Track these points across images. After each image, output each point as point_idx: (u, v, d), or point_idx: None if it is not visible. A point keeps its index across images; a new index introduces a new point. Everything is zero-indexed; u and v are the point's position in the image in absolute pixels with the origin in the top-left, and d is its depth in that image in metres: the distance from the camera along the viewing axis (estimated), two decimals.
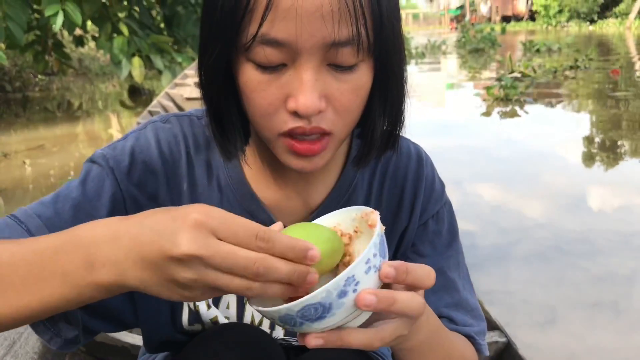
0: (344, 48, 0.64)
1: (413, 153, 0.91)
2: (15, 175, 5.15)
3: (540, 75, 10.17)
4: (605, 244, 3.23)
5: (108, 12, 7.77)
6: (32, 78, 12.10)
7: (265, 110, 0.68)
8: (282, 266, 0.52)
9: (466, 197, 4.10)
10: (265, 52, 0.64)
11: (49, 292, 0.55)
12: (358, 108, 0.71)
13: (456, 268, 0.91)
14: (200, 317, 0.85)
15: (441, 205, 0.92)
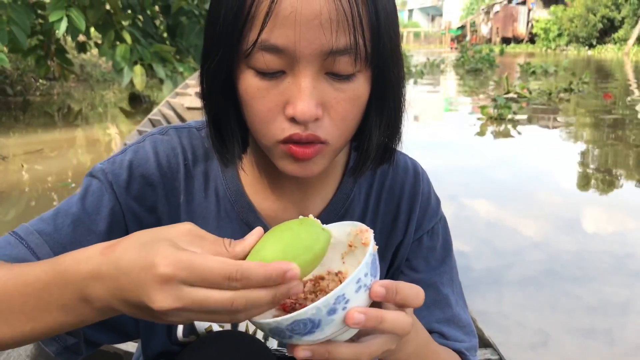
0: (341, 57, 0.66)
1: (410, 168, 0.92)
2: (12, 179, 5.14)
3: (535, 96, 10.38)
4: (599, 267, 3.24)
5: (112, 20, 7.82)
6: (34, 82, 12.10)
7: (264, 116, 0.69)
8: (262, 295, 0.52)
9: (459, 214, 4.12)
10: (265, 58, 0.65)
11: (51, 319, 0.57)
12: (355, 118, 0.72)
13: (449, 284, 0.92)
14: (195, 328, 0.86)
15: (436, 221, 0.93)
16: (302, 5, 0.62)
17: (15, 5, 6.80)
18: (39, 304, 0.57)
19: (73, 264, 0.56)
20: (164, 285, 0.50)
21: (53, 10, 6.71)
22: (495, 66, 18.95)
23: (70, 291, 0.56)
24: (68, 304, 0.56)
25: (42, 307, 0.57)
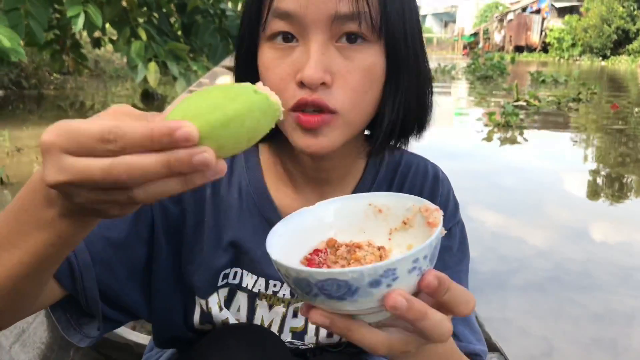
0: (348, 22, 0.69)
1: (430, 172, 0.94)
2: (25, 170, 5.21)
3: (544, 105, 10.48)
4: (605, 277, 3.25)
5: (128, 17, 7.90)
6: (48, 76, 12.23)
7: (277, 85, 0.72)
8: (147, 161, 0.42)
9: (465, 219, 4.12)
10: (277, 25, 0.70)
11: (33, 241, 0.54)
12: (367, 91, 0.74)
13: (465, 286, 0.93)
14: (212, 318, 0.88)
15: (454, 224, 0.94)
16: None
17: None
18: (20, 228, 0.54)
19: (36, 174, 0.53)
20: (47, 155, 0.44)
21: (70, 6, 6.78)
22: (506, 74, 18.92)
23: (38, 198, 0.52)
24: (40, 216, 0.52)
25: (23, 230, 0.54)
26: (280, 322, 0.90)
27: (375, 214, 0.64)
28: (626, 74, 24.73)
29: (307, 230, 0.63)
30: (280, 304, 0.89)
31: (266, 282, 0.88)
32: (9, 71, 10.50)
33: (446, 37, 65.07)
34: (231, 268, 0.87)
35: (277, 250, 0.55)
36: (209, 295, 0.87)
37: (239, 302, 0.89)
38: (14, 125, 7.32)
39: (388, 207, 0.63)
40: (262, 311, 0.89)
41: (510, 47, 47.37)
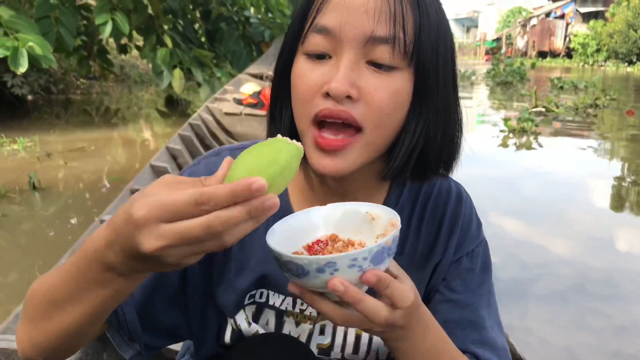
0: (381, 45, 0.72)
1: (454, 192, 0.95)
2: (56, 175, 5.33)
3: (562, 111, 10.53)
4: (629, 288, 3.22)
5: (154, 24, 8.04)
6: (75, 81, 12.48)
7: (304, 95, 0.76)
8: (235, 212, 0.54)
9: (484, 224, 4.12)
10: (315, 40, 0.74)
11: (93, 297, 0.64)
12: (392, 113, 0.75)
13: (486, 307, 0.92)
14: (243, 334, 0.91)
15: (477, 244, 0.95)
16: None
17: (64, 7, 7.05)
18: (79, 285, 0.64)
19: (90, 244, 0.62)
20: (144, 228, 0.53)
21: (99, 14, 6.94)
22: (526, 80, 18.74)
23: (96, 266, 0.61)
24: (99, 278, 0.61)
25: (82, 288, 0.64)
26: (307, 338, 0.92)
27: (370, 220, 0.75)
28: None
29: (316, 223, 0.76)
30: (307, 321, 0.91)
31: (294, 301, 0.90)
32: (39, 77, 10.74)
33: (468, 42, 64.63)
34: (257, 289, 0.90)
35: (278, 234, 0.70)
36: (236, 314, 0.90)
37: (267, 317, 0.91)
38: (43, 130, 7.49)
39: (379, 217, 0.74)
40: (289, 327, 0.91)
41: (533, 53, 46.88)
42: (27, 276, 3.18)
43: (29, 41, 5.17)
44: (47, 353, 0.72)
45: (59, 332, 0.68)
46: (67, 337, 0.69)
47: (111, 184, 4.96)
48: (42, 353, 0.73)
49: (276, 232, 0.71)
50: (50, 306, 0.68)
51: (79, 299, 0.64)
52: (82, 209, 4.44)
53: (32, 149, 6.17)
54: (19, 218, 4.15)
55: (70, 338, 0.70)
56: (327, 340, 0.91)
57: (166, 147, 3.86)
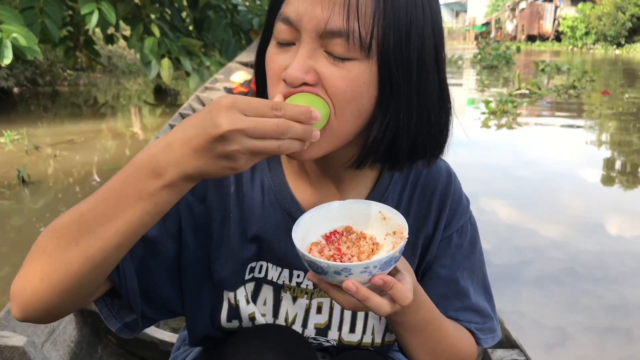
0: (336, 38, 0.73)
1: (443, 169, 0.99)
2: (45, 168, 5.29)
3: (545, 92, 11.01)
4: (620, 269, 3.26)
5: (141, 13, 7.94)
6: (61, 72, 12.35)
7: (271, 80, 0.80)
8: (297, 125, 0.66)
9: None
10: (281, 28, 0.77)
11: (131, 211, 0.67)
12: (352, 100, 0.75)
13: (469, 277, 0.99)
14: (240, 312, 0.92)
15: (465, 220, 0.99)
16: None
17: None
18: (119, 202, 0.68)
19: (144, 150, 0.68)
20: (228, 111, 0.63)
21: (84, 3, 6.84)
22: (512, 63, 19.13)
23: (144, 173, 0.66)
24: (143, 187, 0.66)
25: (122, 203, 0.67)
26: (304, 316, 0.94)
27: (381, 219, 0.84)
28: None
29: (334, 216, 0.85)
30: (303, 295, 0.94)
31: (290, 273, 0.93)
32: (24, 69, 10.62)
33: (457, 27, 64.52)
34: (257, 261, 0.92)
35: (301, 228, 0.80)
36: (237, 287, 0.92)
37: (265, 295, 0.93)
38: (30, 123, 7.42)
39: (390, 218, 0.83)
40: (287, 304, 0.94)
41: (522, 37, 46.89)
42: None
43: (13, 32, 5.10)
44: (56, 298, 0.71)
45: (83, 261, 0.68)
46: (88, 271, 0.69)
47: (106, 174, 4.92)
48: (49, 300, 0.71)
49: (300, 225, 0.80)
50: (79, 230, 0.69)
51: (114, 217, 0.67)
52: (73, 202, 4.37)
53: (19, 142, 6.11)
54: (8, 212, 4.11)
55: (89, 273, 0.70)
56: (325, 319, 0.95)
57: (156, 138, 3.83)
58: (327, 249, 0.80)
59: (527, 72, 15.62)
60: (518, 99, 9.64)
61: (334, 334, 0.95)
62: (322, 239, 0.83)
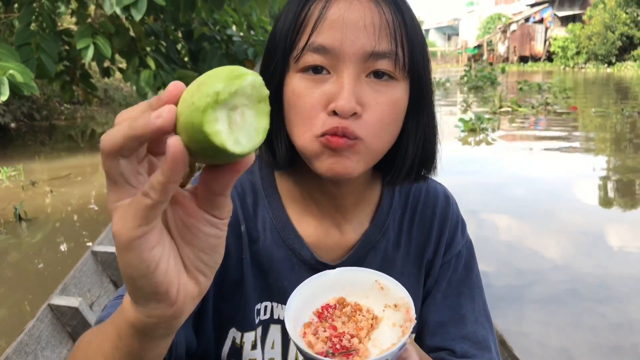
0: (382, 60, 0.74)
1: (440, 193, 0.99)
2: (42, 204, 5.27)
3: (525, 110, 12.26)
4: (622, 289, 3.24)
5: (136, 46, 8.03)
6: (58, 106, 12.41)
7: (308, 113, 0.76)
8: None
9: None
10: (312, 58, 0.75)
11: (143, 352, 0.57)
12: (392, 123, 0.78)
13: (469, 303, 0.96)
14: (242, 355, 0.90)
15: (463, 244, 0.99)
16: (348, 10, 0.74)
17: (44, 33, 7.03)
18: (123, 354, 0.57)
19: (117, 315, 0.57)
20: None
21: (80, 38, 6.92)
22: (497, 84, 20.20)
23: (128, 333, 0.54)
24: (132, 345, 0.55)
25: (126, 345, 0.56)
26: None
27: (379, 289, 0.78)
28: (633, 80, 24.72)
29: (327, 287, 0.78)
30: None
31: None
32: (21, 104, 10.67)
33: (450, 50, 65.32)
34: (261, 302, 0.91)
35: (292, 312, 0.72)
36: (247, 330, 0.90)
37: (273, 337, 0.91)
38: (27, 158, 7.43)
39: (388, 288, 0.77)
40: None
41: (514, 58, 47.42)
42: (17, 310, 3.12)
43: (9, 69, 5.15)
44: None
45: None
46: None
47: (105, 211, 4.90)
48: None
49: (290, 309, 0.72)
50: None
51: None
52: (71, 239, 4.38)
53: (16, 178, 6.11)
54: (5, 250, 4.09)
55: None
56: None
57: None
58: (322, 329, 0.73)
59: (511, 92, 17.07)
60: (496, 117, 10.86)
61: None
62: (314, 316, 0.75)
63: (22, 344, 1.46)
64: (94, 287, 2.01)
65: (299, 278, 0.87)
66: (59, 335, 1.62)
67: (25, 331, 1.49)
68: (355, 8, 0.74)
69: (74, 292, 1.86)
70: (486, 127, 9.32)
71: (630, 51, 37.41)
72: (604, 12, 38.17)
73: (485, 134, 9.08)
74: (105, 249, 2.12)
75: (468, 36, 61.00)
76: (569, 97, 14.80)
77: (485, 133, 9.11)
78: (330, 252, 0.92)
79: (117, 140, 0.43)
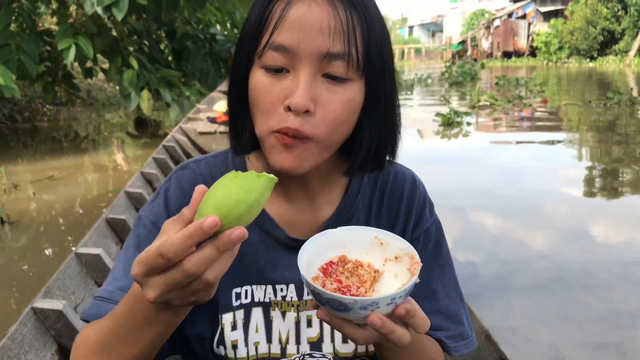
0: (336, 60, 0.79)
1: (408, 176, 1.04)
2: (24, 207, 5.21)
3: (501, 103, 12.91)
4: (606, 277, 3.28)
5: (119, 46, 7.94)
6: (41, 108, 12.26)
7: (267, 108, 0.81)
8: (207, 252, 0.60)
9: None
10: (273, 56, 0.79)
11: (148, 335, 0.73)
12: (345, 121, 0.83)
13: (439, 279, 1.01)
14: (224, 338, 0.92)
15: (431, 223, 1.03)
16: (306, 13, 0.78)
17: (24, 34, 6.93)
18: (133, 328, 0.73)
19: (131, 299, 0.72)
20: (142, 285, 0.64)
21: (61, 38, 6.83)
22: (477, 79, 20.68)
23: (141, 311, 0.70)
24: (150, 315, 0.70)
25: (136, 329, 0.72)
26: (295, 332, 0.95)
27: (378, 244, 0.83)
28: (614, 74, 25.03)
29: (328, 246, 0.83)
30: (290, 309, 0.95)
31: (274, 289, 0.95)
32: (2, 106, 10.53)
33: (434, 46, 65.57)
34: (241, 287, 0.93)
35: (303, 264, 0.75)
36: (225, 311, 0.92)
37: (256, 321, 0.94)
38: (9, 160, 7.32)
39: (388, 243, 0.82)
40: (278, 323, 0.94)
41: (498, 53, 47.78)
42: (2, 309, 3.08)
43: None
44: None
45: None
46: None
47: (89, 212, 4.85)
48: None
49: (301, 261, 0.76)
50: (102, 349, 0.77)
51: (132, 339, 0.73)
52: (55, 242, 4.33)
53: None
54: None
55: None
56: (316, 332, 0.96)
57: (140, 173, 3.77)
58: (329, 283, 0.77)
59: (490, 87, 17.91)
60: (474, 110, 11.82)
61: (328, 347, 0.95)
62: (319, 272, 0.80)
63: (5, 348, 1.43)
64: (79, 290, 1.98)
65: (274, 257, 0.94)
66: (43, 339, 1.60)
67: (8, 335, 1.47)
68: (313, 10, 0.78)
69: (58, 294, 1.83)
70: (461, 121, 9.95)
71: (612, 45, 37.88)
72: (585, 7, 38.60)
73: (460, 127, 9.68)
74: (89, 250, 2.09)
75: (452, 32, 61.28)
76: (543, 91, 15.92)
77: (460, 127, 9.71)
78: (301, 230, 0.96)
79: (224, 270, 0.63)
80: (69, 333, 1.65)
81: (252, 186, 0.62)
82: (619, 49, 36.75)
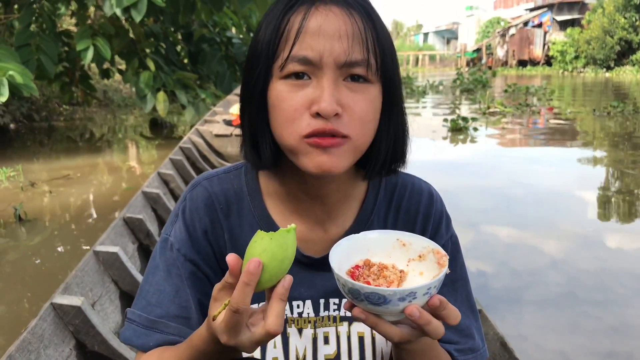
0: (356, 67, 0.82)
1: (425, 191, 1.03)
2: (41, 205, 5.27)
3: (510, 110, 13.32)
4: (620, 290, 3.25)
5: (136, 48, 8.04)
6: (57, 107, 12.40)
7: (291, 115, 0.82)
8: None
9: None
10: (295, 67, 0.81)
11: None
12: (371, 120, 0.85)
13: (452, 294, 1.00)
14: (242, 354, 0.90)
15: (447, 239, 1.03)
16: (325, 22, 0.80)
17: (44, 35, 7.03)
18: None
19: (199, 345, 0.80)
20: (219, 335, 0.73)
21: (80, 39, 6.93)
22: (488, 87, 21.03)
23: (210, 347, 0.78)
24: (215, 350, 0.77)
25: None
26: (312, 349, 0.95)
27: (400, 246, 0.85)
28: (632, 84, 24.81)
29: (352, 251, 0.84)
30: (307, 325, 0.95)
31: (290, 305, 0.95)
32: (20, 105, 10.66)
33: (449, 53, 65.41)
34: (258, 304, 0.93)
35: (336, 265, 0.77)
36: None
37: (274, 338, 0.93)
38: (26, 159, 7.41)
39: (410, 243, 0.84)
40: (294, 340, 0.94)
41: (513, 62, 47.54)
42: (16, 308, 3.12)
43: (9, 70, 5.14)
44: None
45: None
46: None
47: (104, 212, 4.89)
48: None
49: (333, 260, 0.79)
50: None
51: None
52: (71, 239, 4.38)
53: (15, 178, 6.10)
54: (5, 250, 4.09)
55: None
56: (334, 349, 0.96)
57: (157, 173, 3.82)
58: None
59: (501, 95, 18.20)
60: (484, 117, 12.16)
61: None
62: (347, 276, 0.80)
63: (25, 342, 1.46)
64: (96, 287, 2.01)
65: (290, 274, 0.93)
66: (62, 334, 1.63)
67: (29, 330, 1.50)
68: (331, 19, 0.81)
69: (76, 291, 1.86)
70: (467, 127, 10.20)
71: (629, 56, 37.53)
72: (603, 17, 38.32)
73: (466, 133, 9.93)
74: (107, 249, 2.13)
75: (467, 40, 61.13)
76: (552, 99, 16.56)
77: (467, 133, 9.95)
78: (314, 247, 0.96)
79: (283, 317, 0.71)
80: (87, 329, 1.68)
81: (287, 242, 0.72)
82: (636, 59, 36.41)
